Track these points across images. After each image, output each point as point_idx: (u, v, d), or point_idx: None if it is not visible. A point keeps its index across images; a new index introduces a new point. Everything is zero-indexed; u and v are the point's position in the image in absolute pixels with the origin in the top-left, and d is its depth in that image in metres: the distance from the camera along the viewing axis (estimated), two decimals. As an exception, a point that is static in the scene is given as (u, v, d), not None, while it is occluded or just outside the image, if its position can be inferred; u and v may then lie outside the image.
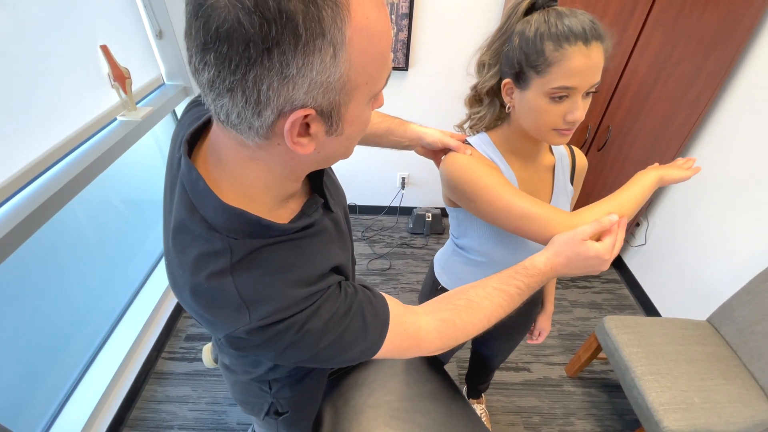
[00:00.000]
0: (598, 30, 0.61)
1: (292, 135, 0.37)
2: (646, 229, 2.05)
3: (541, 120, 0.67)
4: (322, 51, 0.33)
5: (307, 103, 0.35)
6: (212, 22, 0.31)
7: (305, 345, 0.47)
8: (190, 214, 0.44)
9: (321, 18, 0.31)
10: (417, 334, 0.57)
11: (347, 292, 0.51)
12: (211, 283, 0.43)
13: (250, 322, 0.43)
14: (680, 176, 0.74)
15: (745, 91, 1.55)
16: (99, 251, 1.57)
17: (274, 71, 0.32)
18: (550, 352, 1.83)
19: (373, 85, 0.39)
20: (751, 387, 1.25)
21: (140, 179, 1.83)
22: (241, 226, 0.44)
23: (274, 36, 0.31)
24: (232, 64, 0.32)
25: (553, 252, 0.63)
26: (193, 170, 0.44)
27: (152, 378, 1.61)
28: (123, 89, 1.52)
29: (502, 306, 0.61)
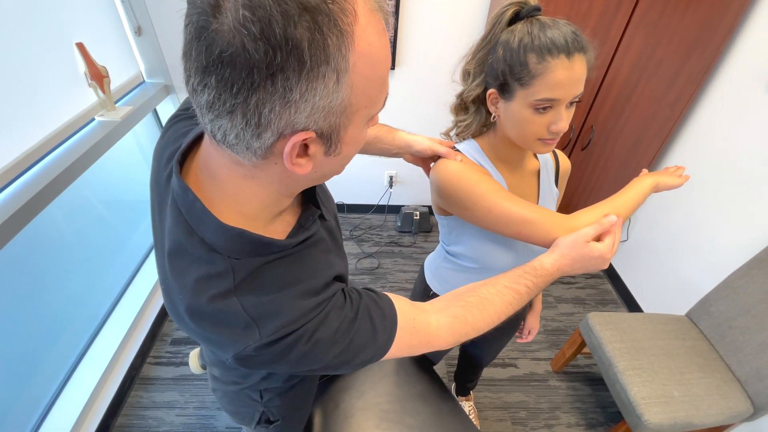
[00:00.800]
0: (581, 42, 0.62)
1: (291, 157, 0.37)
2: (628, 226, 2.10)
3: (526, 130, 0.68)
4: (326, 77, 0.33)
5: (308, 127, 0.36)
6: (215, 46, 0.31)
7: (317, 354, 0.47)
8: (187, 236, 0.44)
9: (326, 46, 0.32)
10: (427, 331, 0.58)
11: (352, 297, 0.52)
12: (215, 305, 0.43)
13: (260, 338, 0.43)
14: (674, 183, 0.77)
15: (723, 93, 1.60)
16: (79, 255, 1.53)
17: (277, 95, 0.32)
18: (536, 348, 1.86)
19: (372, 107, 0.40)
20: (729, 380, 1.30)
21: (120, 179, 1.79)
22: (242, 245, 0.44)
23: (279, 62, 0.31)
24: (234, 87, 0.32)
25: (560, 254, 0.65)
26: (189, 191, 0.43)
27: (138, 384, 1.58)
28: (101, 88, 1.47)
29: (512, 304, 0.63)
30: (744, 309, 1.32)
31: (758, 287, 1.29)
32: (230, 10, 0.30)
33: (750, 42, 1.49)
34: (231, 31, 0.30)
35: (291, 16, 0.30)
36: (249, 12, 0.29)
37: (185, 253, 0.44)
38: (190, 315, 0.44)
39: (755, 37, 1.47)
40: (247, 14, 0.29)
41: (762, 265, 1.29)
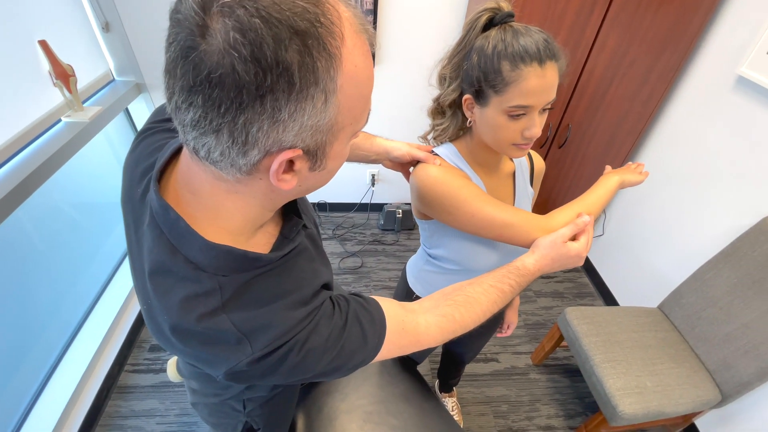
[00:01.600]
0: (553, 49, 0.64)
1: (277, 173, 0.37)
2: (604, 221, 2.15)
3: (501, 136, 0.70)
4: (315, 98, 0.34)
5: (296, 144, 0.36)
6: (204, 67, 0.31)
7: (309, 363, 0.47)
8: (171, 255, 0.43)
9: (316, 68, 0.32)
10: (416, 331, 0.59)
11: (340, 304, 0.52)
12: (203, 324, 0.42)
13: (252, 352, 0.43)
14: (636, 180, 0.82)
15: (692, 91, 1.65)
16: (49, 262, 1.47)
17: (266, 115, 0.33)
18: (517, 342, 1.90)
19: (357, 124, 0.41)
20: (698, 369, 1.36)
21: (92, 181, 1.72)
22: (229, 262, 0.43)
23: (269, 84, 0.31)
24: (222, 107, 0.32)
25: (540, 254, 0.69)
26: (170, 210, 0.42)
27: (115, 393, 1.54)
28: (66, 88, 1.41)
29: (497, 302, 0.67)
30: (712, 301, 1.38)
31: (724, 280, 1.34)
32: (219, 31, 0.30)
33: (718, 42, 1.54)
34: (221, 52, 0.30)
35: (282, 40, 0.30)
36: (240, 35, 0.30)
37: (169, 272, 0.43)
38: (176, 335, 0.44)
39: (723, 36, 1.52)
40: (238, 37, 0.30)
41: (728, 259, 1.35)
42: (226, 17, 0.30)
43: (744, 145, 1.43)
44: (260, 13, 0.30)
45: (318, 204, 2.50)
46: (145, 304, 0.47)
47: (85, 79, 1.59)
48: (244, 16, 0.30)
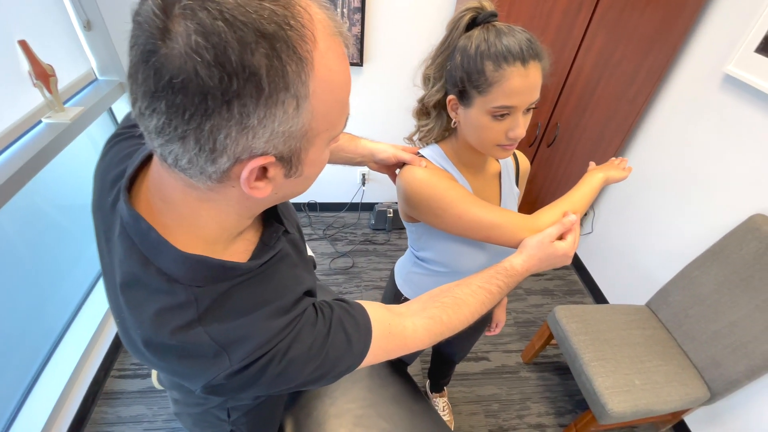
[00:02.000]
0: (536, 49, 0.63)
1: (249, 181, 0.36)
2: (593, 218, 2.17)
3: (485, 136, 0.69)
4: (285, 103, 0.32)
5: (267, 151, 0.35)
6: (165, 72, 0.29)
7: (292, 373, 0.46)
8: (143, 267, 0.41)
9: (285, 73, 0.31)
10: (403, 334, 0.58)
11: (323, 311, 0.51)
12: (178, 338, 0.41)
13: (231, 365, 0.42)
14: (620, 176, 0.83)
15: (679, 89, 1.66)
16: (32, 267, 1.44)
17: (233, 121, 0.31)
18: (507, 340, 1.91)
19: (334, 129, 0.40)
20: (686, 366, 1.37)
21: (76, 182, 1.69)
22: (204, 273, 0.42)
23: (235, 89, 0.30)
24: (186, 113, 0.31)
25: (528, 255, 0.69)
26: (141, 220, 0.41)
27: (101, 399, 1.52)
28: (47, 88, 1.37)
29: (485, 303, 0.66)
30: (699, 299, 1.39)
31: (712, 278, 1.36)
32: (181, 34, 0.28)
33: (705, 40, 1.54)
34: (182, 56, 0.29)
35: (248, 43, 0.29)
36: (202, 38, 0.28)
37: (141, 284, 0.42)
38: (150, 350, 0.42)
39: (710, 35, 1.53)
40: (200, 40, 0.28)
41: (715, 257, 1.36)
42: (188, 20, 0.29)
43: (731, 143, 1.44)
44: (224, 15, 0.28)
45: (308, 204, 2.48)
46: (118, 317, 0.46)
47: (67, 78, 1.55)
48: (207, 18, 0.28)
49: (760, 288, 1.23)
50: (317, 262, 2.18)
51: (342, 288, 2.06)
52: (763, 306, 1.21)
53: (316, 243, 2.31)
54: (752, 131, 1.37)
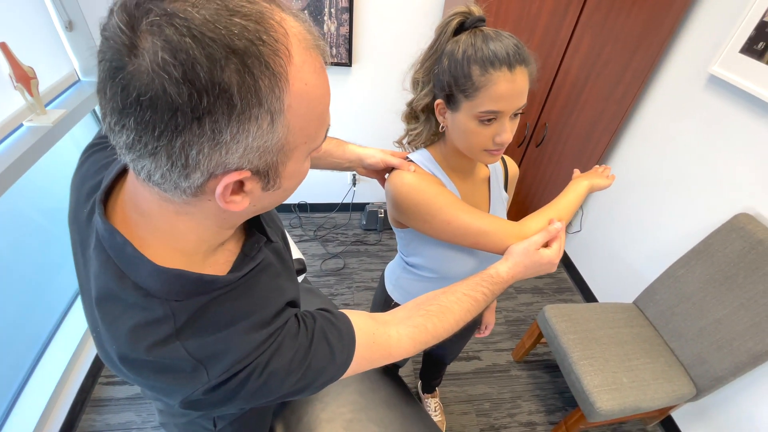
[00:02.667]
0: (523, 54, 0.63)
1: (224, 196, 0.36)
2: (581, 217, 2.18)
3: (472, 141, 0.69)
4: (259, 119, 0.32)
5: (242, 166, 0.34)
6: (132, 89, 0.29)
7: (272, 386, 0.45)
8: (118, 281, 0.40)
9: (258, 88, 0.31)
10: (387, 343, 0.58)
11: (306, 322, 0.50)
12: (155, 353, 0.40)
13: (209, 380, 0.41)
14: (605, 184, 0.84)
15: (665, 90, 1.67)
16: (16, 272, 1.41)
17: (205, 138, 0.31)
18: (498, 339, 1.92)
19: (312, 142, 0.39)
20: (673, 363, 1.39)
21: (60, 185, 1.66)
22: (182, 287, 0.41)
23: (205, 106, 0.29)
24: (156, 130, 0.30)
25: (513, 262, 0.69)
26: (117, 234, 0.40)
27: (89, 406, 1.49)
28: (28, 91, 1.34)
29: (470, 311, 0.66)
30: (685, 296, 1.41)
31: (697, 276, 1.38)
32: (148, 51, 0.28)
33: (690, 41, 1.56)
34: (150, 73, 0.28)
35: (217, 60, 0.28)
36: (169, 55, 0.28)
37: (117, 299, 0.41)
38: (126, 365, 0.42)
39: (695, 36, 1.54)
40: (168, 58, 0.28)
41: (700, 256, 1.38)
42: (155, 36, 0.28)
43: (716, 142, 1.46)
44: (192, 32, 0.28)
45: (299, 205, 2.47)
46: (94, 332, 0.45)
47: (49, 80, 1.52)
48: (174, 35, 0.28)
49: (744, 286, 1.25)
50: (308, 263, 2.17)
51: (333, 289, 2.06)
52: (748, 304, 1.23)
53: (306, 244, 2.30)
54: (737, 131, 1.39)
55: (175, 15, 0.28)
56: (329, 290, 2.05)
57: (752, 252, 1.24)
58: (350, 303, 1.99)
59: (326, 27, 1.70)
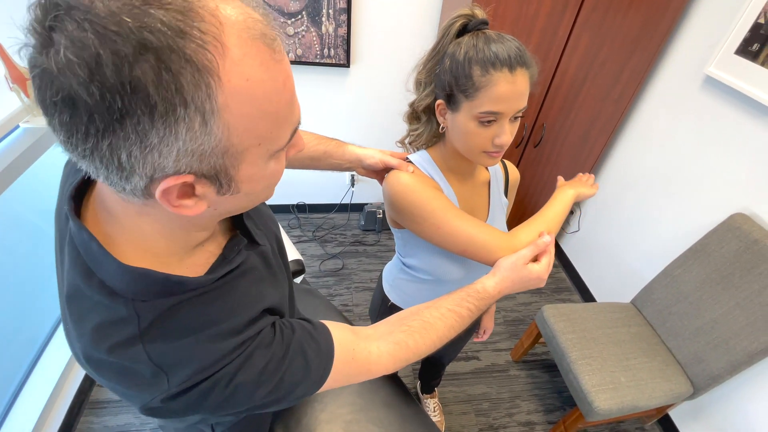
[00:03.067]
0: (524, 57, 0.63)
1: (168, 200, 0.34)
2: (579, 217, 2.19)
3: (471, 142, 0.69)
4: (187, 119, 0.29)
5: (180, 170, 0.32)
6: (45, 88, 0.27)
7: (239, 398, 0.43)
8: (86, 278, 0.39)
9: (179, 86, 0.28)
10: (367, 359, 0.57)
11: (283, 333, 0.48)
12: (116, 354, 0.39)
13: (169, 388, 0.40)
14: (590, 193, 0.85)
15: (662, 90, 1.68)
16: (13, 274, 1.40)
17: (131, 141, 0.29)
18: (497, 339, 1.93)
19: (270, 144, 0.36)
20: (670, 363, 1.40)
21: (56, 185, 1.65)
22: (147, 287, 0.39)
23: (120, 107, 0.27)
24: (80, 132, 0.28)
25: (501, 277, 0.68)
26: (83, 231, 0.39)
27: (87, 408, 1.49)
28: (24, 92, 1.34)
29: (454, 327, 0.65)
30: (682, 296, 1.42)
31: (694, 276, 1.38)
32: (56, 48, 0.26)
33: (687, 42, 1.57)
34: (57, 73, 0.27)
35: (124, 56, 0.26)
36: (72, 54, 0.26)
37: (83, 297, 0.40)
38: (90, 365, 0.40)
39: (691, 37, 1.55)
40: (71, 56, 0.26)
41: (697, 255, 1.39)
42: (60, 33, 0.26)
43: (712, 142, 1.47)
44: (94, 26, 0.26)
45: (297, 205, 2.47)
46: (65, 329, 0.44)
47: (45, 82, 1.52)
48: (76, 31, 0.26)
49: (740, 286, 1.26)
50: (306, 264, 2.17)
51: (332, 290, 2.06)
52: (743, 303, 1.24)
53: (305, 245, 2.30)
54: (732, 132, 1.40)
55: (78, 8, 0.26)
56: (328, 291, 2.05)
57: (748, 252, 1.25)
58: (349, 303, 1.99)
59: (324, 28, 1.70)
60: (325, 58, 1.79)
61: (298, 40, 1.72)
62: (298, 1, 1.63)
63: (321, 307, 1.24)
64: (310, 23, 1.68)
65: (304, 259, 2.20)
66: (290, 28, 1.69)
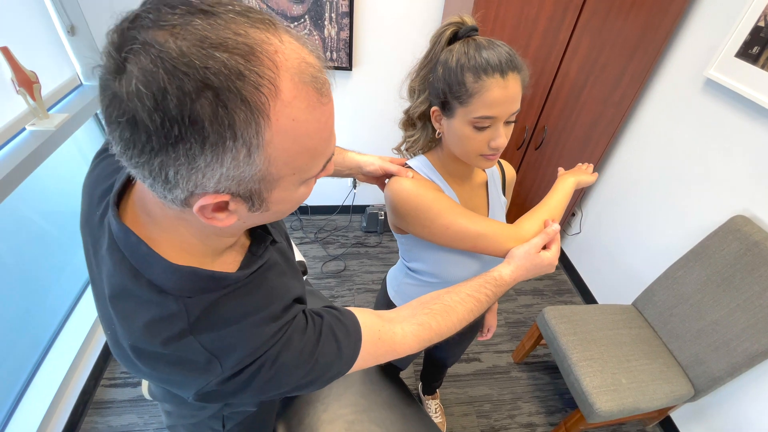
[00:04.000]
0: (515, 61, 0.65)
1: (203, 213, 0.37)
2: (581, 219, 2.20)
3: (468, 146, 0.71)
4: (235, 150, 0.32)
5: (219, 190, 0.35)
6: (113, 109, 0.31)
7: (282, 378, 0.47)
8: (133, 279, 0.42)
9: (232, 122, 0.31)
10: (392, 340, 0.60)
11: (314, 319, 0.52)
12: (171, 347, 0.42)
13: (222, 371, 0.43)
14: (589, 180, 0.88)
15: (663, 93, 1.69)
16: (18, 275, 1.42)
17: (180, 162, 0.32)
18: (499, 341, 1.93)
19: (304, 173, 0.39)
20: (671, 365, 1.40)
21: (61, 188, 1.67)
22: (194, 284, 0.43)
23: (177, 134, 0.30)
24: (136, 148, 0.32)
25: (516, 265, 0.71)
26: (131, 234, 0.42)
27: (92, 409, 1.50)
28: (30, 95, 1.35)
29: (473, 311, 0.68)
30: (683, 298, 1.42)
31: (695, 278, 1.39)
32: (128, 76, 0.29)
33: (687, 45, 1.58)
34: (125, 99, 0.30)
35: (187, 93, 0.29)
36: (143, 85, 0.29)
37: (131, 296, 0.43)
38: (142, 360, 0.43)
39: (692, 40, 1.56)
40: (141, 87, 0.29)
41: (698, 257, 1.39)
42: (134, 64, 0.30)
43: (712, 145, 1.48)
44: (165, 64, 0.29)
45: (299, 207, 2.48)
46: (109, 329, 0.46)
47: (51, 84, 1.53)
48: (150, 65, 0.29)
49: (741, 288, 1.26)
50: (308, 265, 2.18)
51: (334, 291, 2.07)
52: (744, 305, 1.24)
53: (307, 246, 2.31)
54: (733, 134, 1.40)
55: (153, 45, 0.29)
56: (330, 292, 2.06)
57: (748, 254, 1.25)
58: (351, 305, 1.99)
59: (327, 31, 1.72)
60: (328, 61, 1.80)
61: (301, 43, 1.73)
62: (301, 5, 1.64)
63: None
64: (312, 27, 1.70)
65: (306, 260, 2.21)
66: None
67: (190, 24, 0.30)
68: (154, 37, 0.30)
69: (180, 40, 0.30)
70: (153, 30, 0.30)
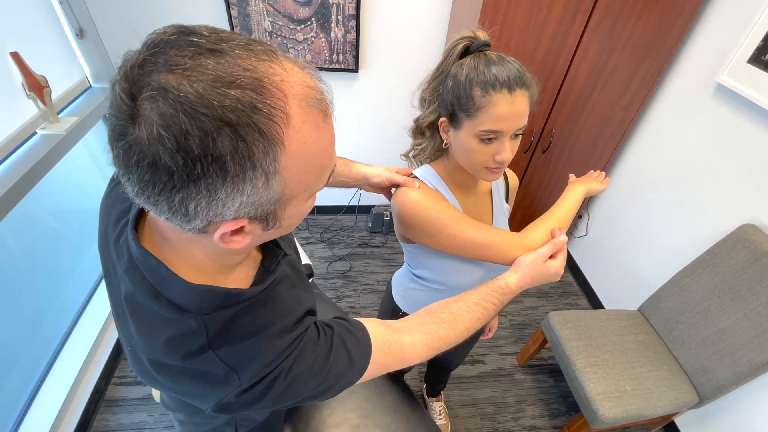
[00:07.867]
0: (524, 78, 0.66)
1: (222, 239, 0.38)
2: (587, 222, 2.19)
3: (473, 159, 0.72)
4: (254, 179, 0.34)
5: (238, 217, 0.37)
6: (132, 153, 0.31)
7: (296, 389, 0.48)
8: (154, 299, 0.44)
9: (252, 154, 0.32)
10: (401, 350, 0.61)
11: (324, 330, 0.54)
12: (191, 362, 0.44)
13: (240, 383, 0.45)
14: (600, 188, 0.87)
15: (673, 97, 1.67)
16: (31, 275, 1.45)
17: (201, 195, 0.33)
18: (503, 343, 1.94)
19: (312, 189, 0.41)
20: (676, 372, 1.40)
21: (72, 189, 1.69)
22: (211, 301, 0.45)
23: (199, 171, 0.31)
24: (156, 188, 0.33)
25: (522, 274, 0.73)
26: (150, 257, 0.44)
27: (103, 407, 1.54)
28: (40, 99, 1.37)
29: (480, 319, 0.69)
30: (690, 305, 1.41)
31: (702, 286, 1.38)
32: (146, 122, 0.30)
33: (698, 50, 1.55)
34: (146, 143, 0.30)
35: (208, 132, 0.30)
36: (164, 129, 0.30)
37: (153, 314, 0.45)
38: (163, 374, 0.45)
39: (703, 45, 1.53)
40: (162, 132, 0.30)
41: (705, 265, 1.38)
42: (151, 110, 0.30)
43: (723, 151, 1.46)
44: (184, 107, 0.30)
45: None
46: (129, 346, 0.48)
47: (61, 87, 1.55)
48: (168, 110, 0.30)
49: (748, 297, 1.25)
50: (314, 266, 2.19)
51: (340, 292, 2.08)
52: (751, 315, 1.24)
53: (313, 246, 2.33)
54: (743, 141, 1.38)
55: (169, 90, 0.30)
56: (335, 293, 2.07)
57: (756, 263, 1.24)
58: (356, 306, 2.01)
59: (333, 34, 1.71)
60: (334, 63, 1.80)
61: (308, 46, 1.73)
62: (308, 8, 1.64)
63: (330, 312, 1.26)
64: (319, 29, 1.69)
65: (312, 260, 2.23)
66: (300, 34, 1.70)
67: (201, 65, 0.31)
68: (168, 81, 0.30)
69: (195, 83, 0.30)
70: (165, 74, 0.30)
